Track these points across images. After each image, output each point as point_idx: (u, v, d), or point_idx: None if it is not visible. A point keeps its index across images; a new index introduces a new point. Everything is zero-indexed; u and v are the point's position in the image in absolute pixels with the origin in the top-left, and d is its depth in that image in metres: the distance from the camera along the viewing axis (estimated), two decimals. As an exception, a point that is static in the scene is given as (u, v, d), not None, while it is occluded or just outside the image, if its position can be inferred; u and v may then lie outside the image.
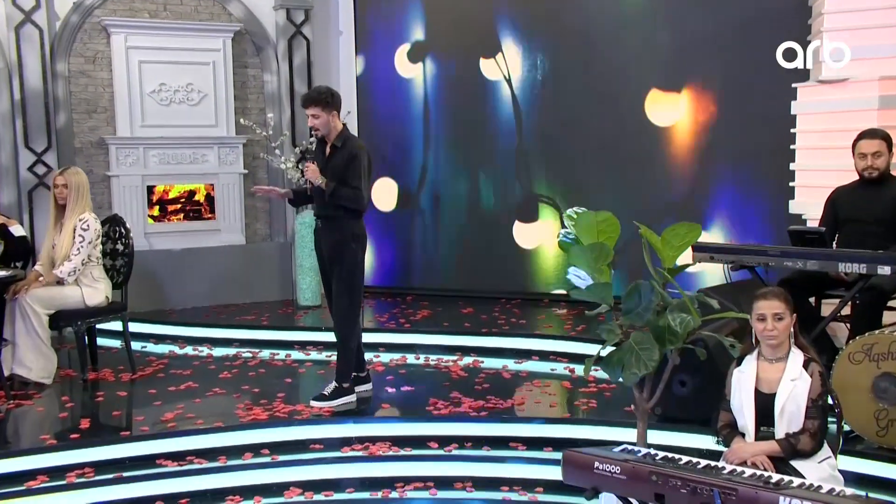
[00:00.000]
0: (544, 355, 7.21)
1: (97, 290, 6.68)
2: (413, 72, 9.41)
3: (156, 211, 8.84)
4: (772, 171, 7.70)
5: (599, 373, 6.58)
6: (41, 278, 6.64)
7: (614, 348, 4.90)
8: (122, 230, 6.94)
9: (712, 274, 7.58)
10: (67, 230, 6.54)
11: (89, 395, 6.36)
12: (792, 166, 7.16)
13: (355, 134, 6.71)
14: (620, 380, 4.55)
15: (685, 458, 3.73)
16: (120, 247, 6.94)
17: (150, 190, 8.82)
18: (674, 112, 8.35)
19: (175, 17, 8.88)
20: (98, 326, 6.91)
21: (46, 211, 8.23)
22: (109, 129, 8.74)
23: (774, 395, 3.92)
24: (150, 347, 7.84)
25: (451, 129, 9.34)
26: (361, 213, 5.78)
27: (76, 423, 5.66)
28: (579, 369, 6.69)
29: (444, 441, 5.47)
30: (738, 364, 4.13)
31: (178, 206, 8.99)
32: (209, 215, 9.08)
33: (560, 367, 6.89)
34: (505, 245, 9.20)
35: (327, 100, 5.65)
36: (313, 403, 5.80)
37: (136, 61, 8.64)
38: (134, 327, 7.26)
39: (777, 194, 7.57)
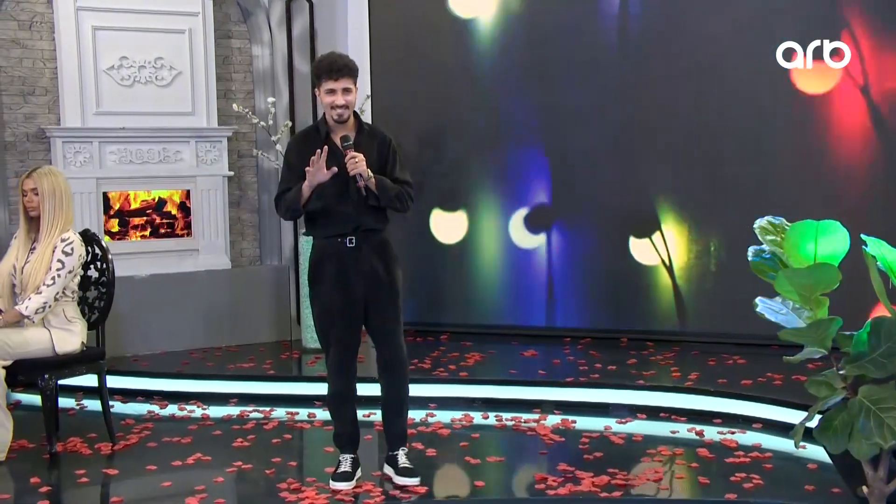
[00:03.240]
0: (653, 412, 6.95)
1: (72, 334, 6.23)
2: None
3: (114, 225, 8.35)
4: None
5: (742, 436, 6.30)
6: (-3, 316, 6.14)
7: (832, 409, 4.55)
8: (97, 251, 6.48)
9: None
10: (44, 252, 6.07)
11: (64, 474, 5.88)
12: None
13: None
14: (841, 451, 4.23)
15: None
16: (94, 273, 6.49)
17: (107, 197, 8.35)
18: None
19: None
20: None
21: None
22: (52, 118, 8.32)
23: None
24: (120, 407, 7.36)
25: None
26: None
27: (66, 516, 5.18)
28: (710, 432, 6.46)
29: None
30: None
31: (144, 218, 8.51)
32: (184, 231, 8.61)
33: (682, 429, 6.57)
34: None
35: (357, 72, 5.34)
36: (401, 480, 5.43)
37: (89, 28, 8.22)
38: (92, 380, 6.74)
39: None
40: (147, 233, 8.54)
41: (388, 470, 5.53)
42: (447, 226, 9.26)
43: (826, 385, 4.54)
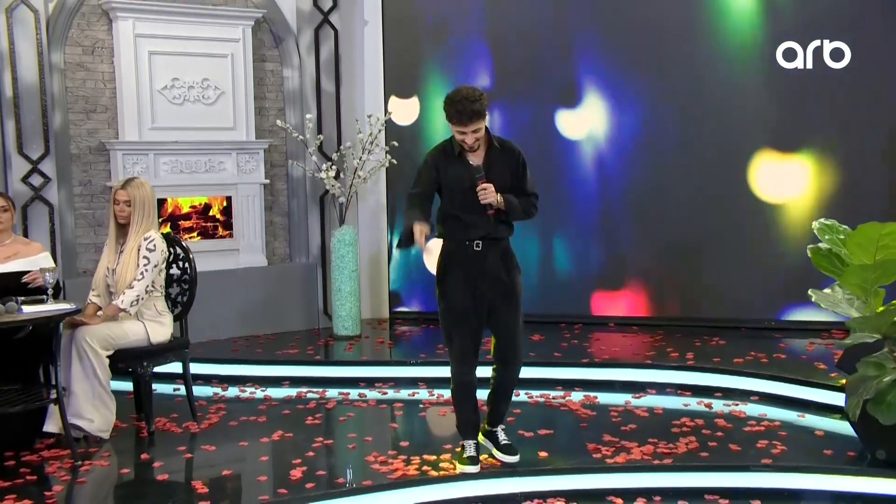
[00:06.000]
0: (660, 388, 7.16)
1: (163, 325, 6.32)
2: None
3: (166, 228, 8.29)
4: None
5: (746, 407, 6.55)
6: (99, 312, 6.16)
7: (884, 386, 4.79)
8: (179, 251, 6.53)
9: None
10: (131, 253, 6.15)
11: (167, 450, 5.90)
12: None
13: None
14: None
15: None
16: (176, 271, 6.53)
17: (161, 203, 8.31)
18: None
19: (189, 0, 8.40)
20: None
21: (46, 230, 7.75)
22: (112, 133, 8.27)
23: None
24: (183, 389, 7.32)
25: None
26: None
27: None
28: (717, 404, 6.67)
29: (628, 495, 5.26)
30: None
31: (191, 222, 8.50)
32: (225, 233, 8.63)
33: (693, 402, 6.80)
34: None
35: (486, 106, 5.19)
36: (503, 457, 5.51)
37: (146, 52, 8.20)
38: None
39: None
40: (195, 235, 8.53)
41: (486, 443, 5.60)
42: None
43: (876, 365, 4.81)
